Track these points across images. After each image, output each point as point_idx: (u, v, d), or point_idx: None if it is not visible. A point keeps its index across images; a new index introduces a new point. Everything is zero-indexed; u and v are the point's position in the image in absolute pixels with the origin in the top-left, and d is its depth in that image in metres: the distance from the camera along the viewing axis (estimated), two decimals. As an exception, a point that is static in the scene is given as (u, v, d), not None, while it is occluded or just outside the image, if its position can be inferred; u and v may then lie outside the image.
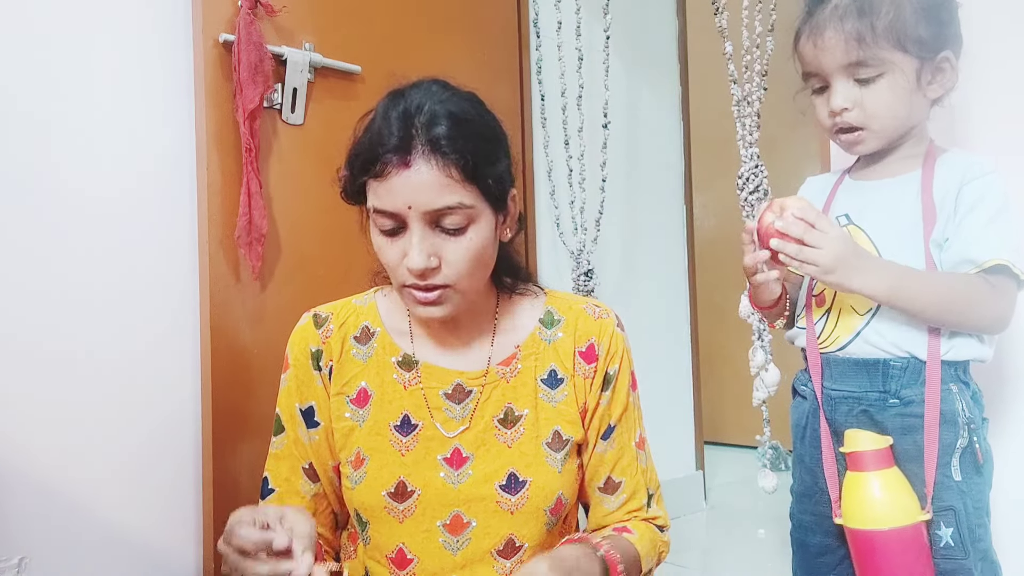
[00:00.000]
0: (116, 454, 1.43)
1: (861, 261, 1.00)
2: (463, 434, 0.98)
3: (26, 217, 1.35)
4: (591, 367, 1.02)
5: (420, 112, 0.90)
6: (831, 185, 1.17)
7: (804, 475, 1.15)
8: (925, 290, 1.00)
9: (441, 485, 0.96)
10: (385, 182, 0.88)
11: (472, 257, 0.91)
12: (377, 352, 1.02)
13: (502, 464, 0.97)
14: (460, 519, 0.96)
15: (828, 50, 1.04)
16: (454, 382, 1.00)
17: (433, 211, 0.88)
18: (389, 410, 0.99)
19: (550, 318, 1.05)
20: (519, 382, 1.01)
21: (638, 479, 1.04)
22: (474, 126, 0.92)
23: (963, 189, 1.02)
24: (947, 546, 1.00)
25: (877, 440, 1.02)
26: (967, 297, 0.99)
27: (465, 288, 0.93)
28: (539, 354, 1.02)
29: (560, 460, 0.99)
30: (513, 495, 0.96)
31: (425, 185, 0.87)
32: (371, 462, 0.98)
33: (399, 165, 0.87)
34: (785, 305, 1.16)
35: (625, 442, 1.03)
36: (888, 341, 1.04)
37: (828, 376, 1.09)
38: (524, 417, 0.99)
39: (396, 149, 0.88)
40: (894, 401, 1.04)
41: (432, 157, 0.87)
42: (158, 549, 1.47)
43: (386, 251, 0.92)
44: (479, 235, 0.92)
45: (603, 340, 1.03)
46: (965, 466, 1.02)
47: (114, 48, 1.47)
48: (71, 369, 1.39)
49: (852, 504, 1.02)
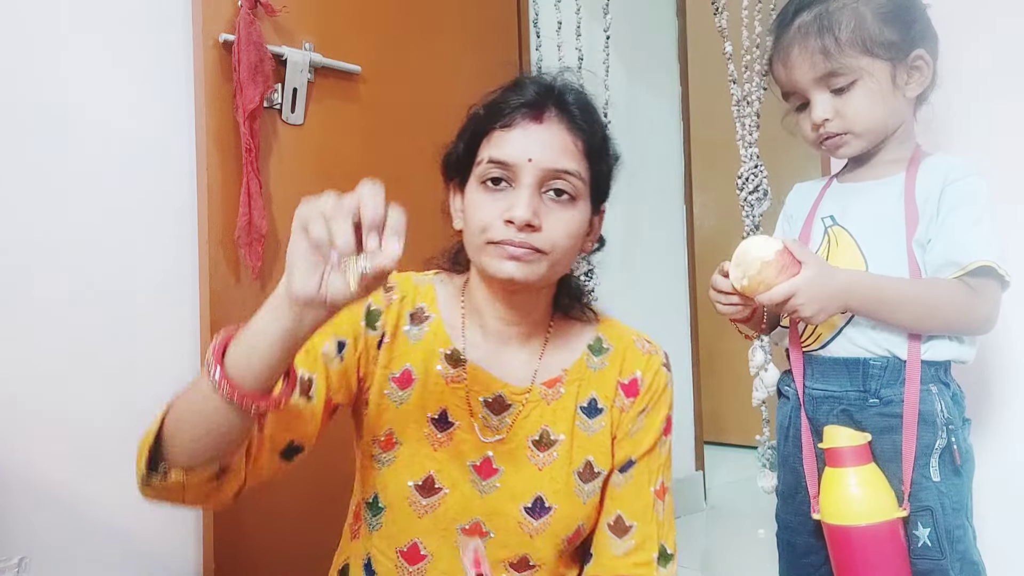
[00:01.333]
0: (116, 455, 1.43)
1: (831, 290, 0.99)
2: (496, 445, 0.96)
3: (25, 217, 1.35)
4: (630, 401, 1.00)
5: (555, 84, 0.94)
6: (819, 190, 1.18)
7: (788, 475, 1.15)
8: (904, 300, 1.01)
9: (469, 490, 0.94)
10: (510, 131, 0.90)
11: (570, 233, 0.91)
12: (427, 337, 0.98)
13: (531, 486, 0.95)
14: (479, 527, 0.94)
15: (797, 68, 1.07)
16: (497, 392, 0.97)
17: (551, 170, 0.89)
18: (429, 401, 0.96)
19: (599, 345, 1.02)
20: (559, 406, 0.98)
21: (651, 528, 0.98)
22: (597, 116, 0.96)
23: (946, 189, 1.03)
24: (924, 546, 1.01)
25: (855, 436, 1.03)
26: (948, 302, 0.99)
27: (554, 261, 0.91)
28: (583, 380, 1.00)
29: (587, 492, 0.97)
30: (536, 519, 0.94)
31: (551, 142, 0.89)
32: (403, 448, 0.95)
33: (530, 118, 0.90)
34: (762, 316, 1.16)
35: (643, 483, 0.99)
36: (868, 340, 1.05)
37: (810, 375, 1.10)
38: (559, 443, 0.97)
39: (529, 104, 0.90)
40: (874, 401, 1.04)
41: (564, 120, 0.90)
42: (158, 549, 1.47)
43: (484, 207, 0.90)
44: (579, 216, 0.93)
45: (647, 376, 1.01)
46: (943, 467, 1.02)
47: (114, 48, 1.47)
48: (71, 369, 1.39)
49: (829, 500, 1.03)
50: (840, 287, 1.00)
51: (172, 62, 1.53)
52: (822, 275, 1.00)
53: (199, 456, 0.79)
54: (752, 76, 1.61)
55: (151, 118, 1.51)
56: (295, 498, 1.58)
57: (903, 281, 1.02)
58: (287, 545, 1.58)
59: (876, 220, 1.07)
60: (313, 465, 1.64)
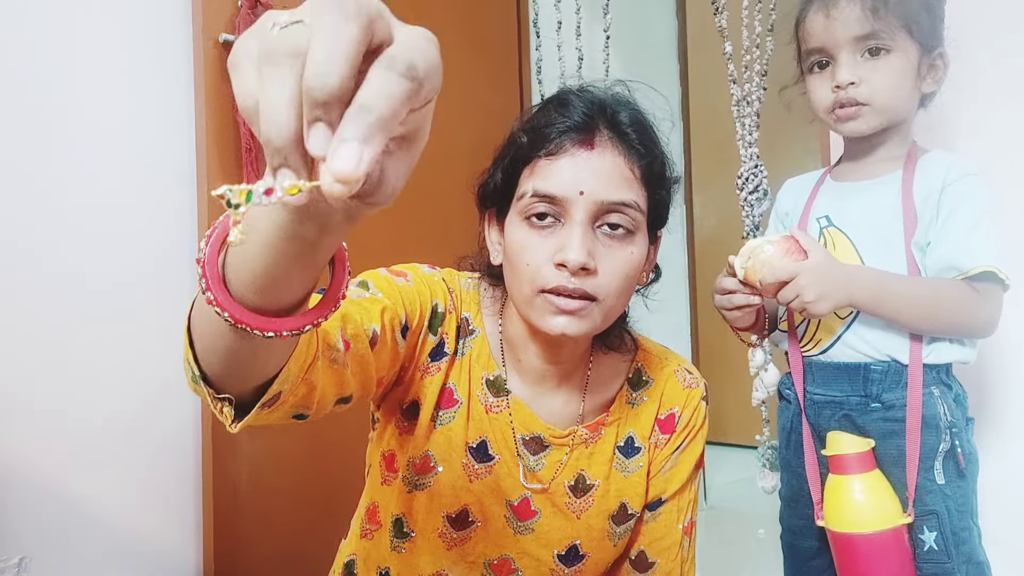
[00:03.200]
0: (116, 454, 1.43)
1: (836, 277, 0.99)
2: (535, 489, 0.90)
3: (26, 217, 1.35)
4: (665, 437, 0.94)
5: (604, 100, 0.82)
6: (811, 186, 1.17)
7: (791, 479, 1.15)
8: (909, 297, 1.00)
9: (502, 526, 0.89)
10: (557, 161, 0.78)
11: (628, 274, 0.81)
12: (471, 356, 0.89)
13: (567, 535, 0.91)
14: (509, 565, 0.90)
15: (841, 20, 1.03)
16: (536, 433, 0.90)
17: (606, 203, 0.78)
18: (470, 429, 0.88)
19: (638, 378, 0.96)
20: (597, 448, 0.92)
21: (673, 566, 0.94)
22: (655, 135, 0.86)
23: (945, 191, 1.02)
24: (931, 550, 1.00)
25: (859, 443, 1.02)
26: (952, 303, 0.99)
27: (606, 309, 0.81)
28: (622, 420, 0.94)
29: (620, 534, 0.93)
30: (568, 567, 0.91)
31: (605, 171, 0.78)
32: (441, 476, 0.87)
33: (579, 144, 0.78)
34: (764, 323, 1.16)
35: (672, 521, 0.95)
36: (869, 345, 1.04)
37: (810, 380, 1.10)
38: (595, 488, 0.91)
39: (577, 128, 0.79)
40: (876, 405, 1.04)
41: (618, 144, 0.79)
42: (158, 549, 1.47)
43: (530, 248, 0.79)
44: (638, 252, 0.82)
45: (686, 412, 0.95)
46: (948, 470, 1.02)
47: (114, 48, 1.47)
48: (71, 369, 1.39)
49: (833, 507, 1.03)
50: (845, 277, 0.99)
51: (172, 62, 1.53)
52: (828, 263, 1.00)
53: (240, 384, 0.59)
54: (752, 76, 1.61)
55: (151, 118, 1.50)
56: (295, 499, 1.58)
57: (909, 279, 1.01)
58: (287, 545, 1.58)
59: (873, 222, 1.06)
60: (313, 466, 1.65)
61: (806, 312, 1.00)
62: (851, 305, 1.01)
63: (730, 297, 1.06)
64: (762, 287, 1.01)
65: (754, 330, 1.15)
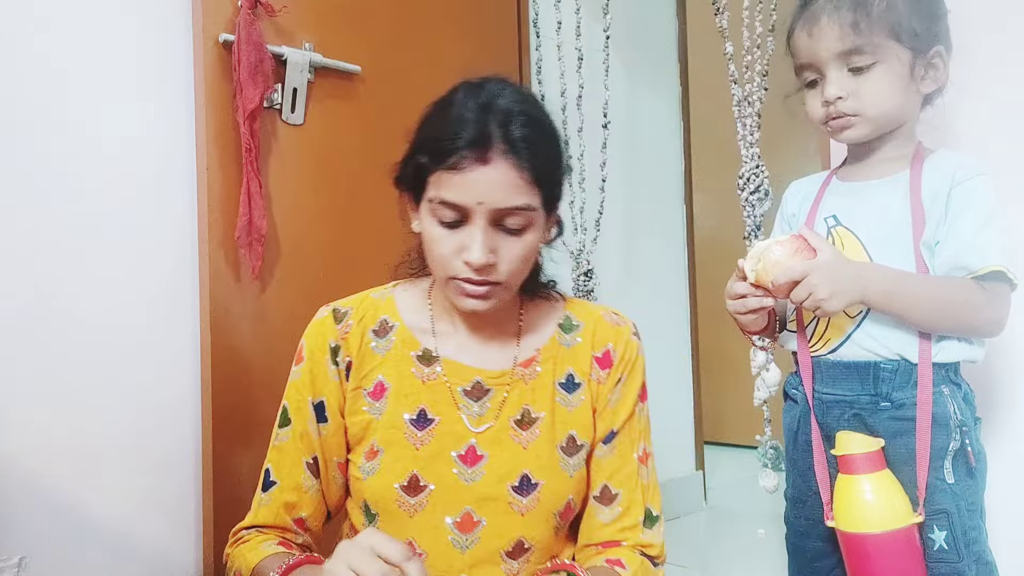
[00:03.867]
0: (116, 454, 1.43)
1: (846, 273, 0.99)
2: (482, 432, 0.98)
3: (26, 217, 1.35)
4: (605, 372, 1.02)
5: (496, 107, 0.90)
6: (818, 187, 1.17)
7: (797, 479, 1.14)
8: (920, 295, 0.99)
9: (454, 482, 0.96)
10: (459, 175, 0.88)
11: (525, 258, 0.94)
12: (396, 346, 1.02)
13: (516, 465, 0.97)
14: (471, 517, 0.95)
15: (823, 38, 1.05)
16: (474, 379, 1.00)
17: (502, 210, 0.89)
18: (405, 403, 0.99)
19: (569, 323, 1.05)
20: (537, 384, 1.01)
21: (636, 494, 1.01)
22: (545, 130, 0.94)
23: (953, 191, 1.02)
24: (941, 549, 1.00)
25: (868, 443, 1.02)
26: (963, 302, 0.99)
27: (511, 285, 0.95)
28: (557, 358, 1.02)
29: (573, 465, 0.99)
30: (524, 497, 0.96)
31: (500, 184, 0.88)
32: (385, 455, 0.97)
33: (477, 161, 0.88)
34: (775, 326, 1.16)
35: (626, 451, 1.02)
36: (879, 343, 1.04)
37: (819, 380, 1.09)
38: (540, 419, 0.99)
39: (474, 144, 0.88)
40: (885, 404, 1.03)
41: (510, 156, 0.88)
42: (158, 549, 1.47)
43: (441, 243, 0.92)
44: (534, 237, 0.94)
45: (619, 347, 1.03)
46: (958, 468, 1.01)
47: (114, 48, 1.47)
48: (71, 369, 1.39)
49: (843, 507, 1.02)
50: (857, 274, 1.00)
51: (172, 62, 1.53)
52: (839, 260, 1.00)
53: None
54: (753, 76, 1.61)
55: (151, 118, 1.50)
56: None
57: (920, 276, 1.01)
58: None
59: (881, 221, 1.06)
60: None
61: (819, 311, 1.00)
62: (862, 302, 1.01)
63: (743, 302, 1.06)
64: (774, 288, 1.01)
65: (766, 333, 1.15)
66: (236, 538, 1.01)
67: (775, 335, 1.17)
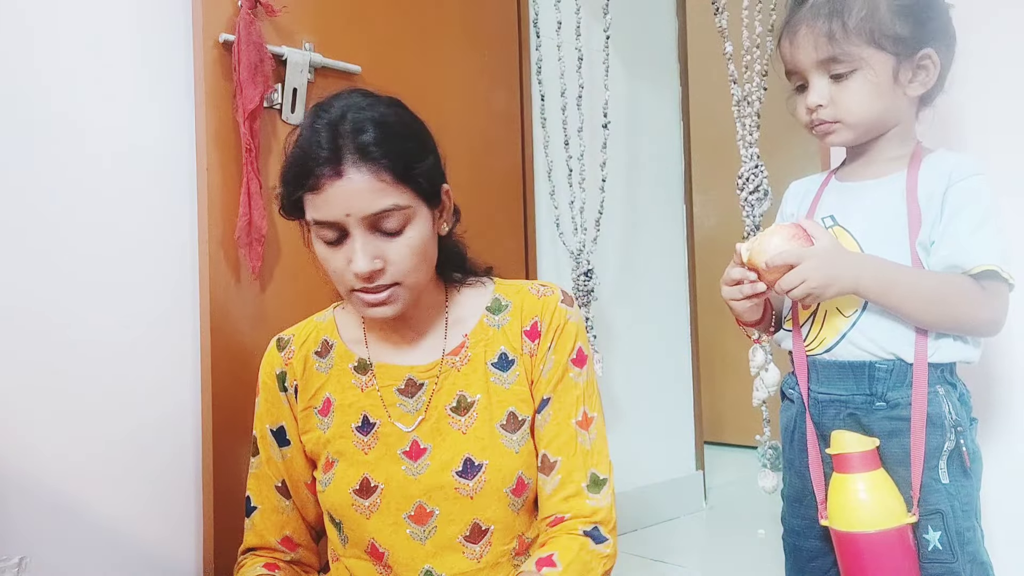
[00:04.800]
0: (116, 454, 1.43)
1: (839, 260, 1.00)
2: (419, 426, 1.01)
3: (25, 217, 1.35)
4: (535, 344, 1.04)
5: (345, 121, 0.93)
6: (817, 187, 1.17)
7: (794, 479, 1.14)
8: (916, 288, 0.99)
9: (402, 478, 0.99)
10: (321, 194, 0.91)
11: (413, 254, 0.95)
12: (336, 362, 1.07)
13: (457, 451, 0.99)
14: (423, 509, 0.98)
15: (801, 47, 1.06)
16: (405, 377, 1.03)
17: (371, 215, 0.91)
18: (350, 413, 1.03)
19: (497, 304, 1.07)
20: (469, 369, 1.03)
21: (575, 460, 1.01)
22: (398, 128, 0.95)
23: (949, 190, 1.01)
24: (935, 550, 1.00)
25: (863, 442, 1.02)
26: (959, 298, 0.99)
27: (411, 284, 0.97)
28: (488, 340, 1.05)
29: (517, 440, 1.01)
30: (470, 480, 0.98)
31: (359, 192, 0.90)
32: (339, 464, 1.02)
33: (332, 176, 0.90)
34: (771, 320, 1.16)
35: (562, 418, 1.02)
36: (874, 343, 1.03)
37: (815, 379, 1.09)
38: (477, 402, 1.02)
39: (327, 161, 0.91)
40: (880, 404, 1.03)
41: (363, 164, 0.91)
42: (158, 549, 1.47)
43: (331, 260, 0.95)
44: (418, 232, 0.95)
45: (545, 316, 1.04)
46: (952, 469, 1.01)
47: (114, 48, 1.47)
48: (71, 369, 1.39)
49: (837, 506, 1.02)
50: (853, 264, 1.00)
51: (172, 62, 1.53)
52: (836, 249, 1.00)
53: None
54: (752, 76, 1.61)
55: (151, 118, 1.50)
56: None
57: (917, 271, 1.01)
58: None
59: (878, 221, 1.06)
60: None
61: (810, 298, 1.00)
62: (856, 292, 1.01)
63: (739, 287, 1.06)
64: (767, 269, 1.01)
65: (760, 326, 1.15)
66: (239, 564, 1.08)
67: (770, 329, 1.17)
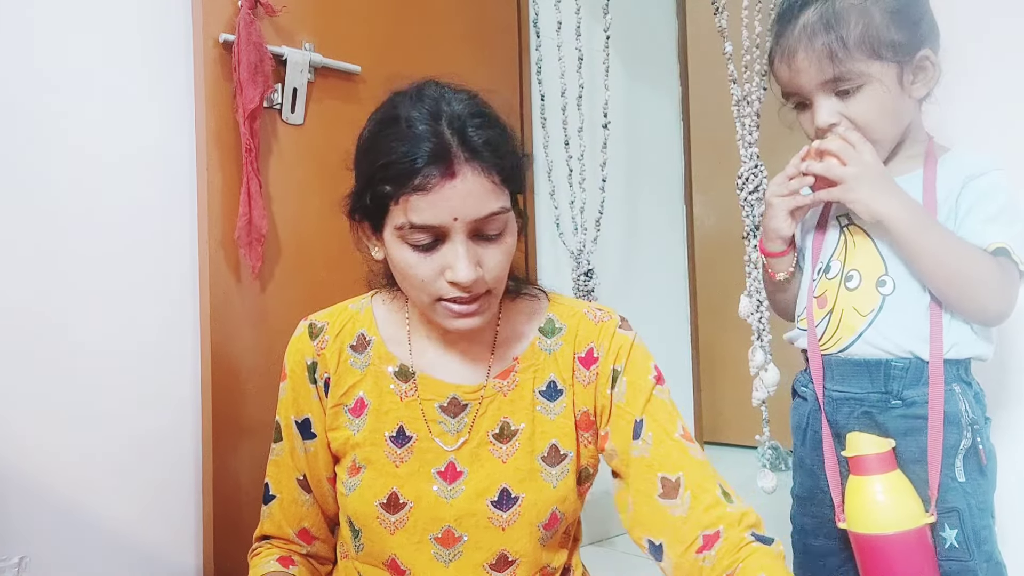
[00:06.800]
0: (116, 454, 1.43)
1: (890, 187, 1.00)
2: (458, 449, 0.96)
3: (25, 217, 1.35)
4: (591, 371, 0.97)
5: (449, 114, 0.86)
6: None
7: (805, 478, 1.14)
8: (943, 242, 0.98)
9: (434, 499, 0.94)
10: (428, 195, 0.83)
11: (508, 261, 0.91)
12: (374, 361, 1.00)
13: (495, 480, 0.94)
14: (452, 533, 0.94)
15: (802, 71, 1.03)
16: (450, 395, 0.97)
17: (480, 219, 0.85)
18: (385, 421, 0.97)
19: (551, 326, 1.00)
20: (516, 395, 0.97)
21: (698, 471, 0.91)
22: (498, 125, 0.89)
23: (966, 187, 1.01)
24: (951, 547, 1.00)
25: (879, 443, 1.01)
26: (978, 265, 0.97)
27: (499, 292, 0.92)
28: (538, 366, 0.98)
29: (556, 475, 0.95)
30: (504, 511, 0.93)
31: (472, 194, 0.84)
32: (366, 472, 0.96)
33: (443, 176, 0.83)
34: (793, 256, 1.14)
35: (665, 435, 0.93)
36: (891, 341, 1.03)
37: (830, 377, 1.08)
38: (520, 432, 0.96)
39: (436, 159, 0.83)
40: (896, 402, 1.03)
41: (475, 164, 0.84)
42: (158, 549, 1.47)
43: (419, 267, 0.87)
44: (512, 238, 0.91)
45: (602, 342, 0.97)
46: (969, 467, 1.01)
47: (114, 48, 1.47)
48: (71, 369, 1.39)
49: (856, 508, 1.02)
50: (900, 192, 1.00)
51: (172, 62, 1.53)
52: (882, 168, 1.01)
53: None
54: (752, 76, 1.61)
55: (151, 118, 1.50)
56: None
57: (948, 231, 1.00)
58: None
59: None
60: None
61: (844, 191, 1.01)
62: (889, 218, 0.99)
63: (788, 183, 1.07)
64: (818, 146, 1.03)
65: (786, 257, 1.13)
66: (253, 550, 1.04)
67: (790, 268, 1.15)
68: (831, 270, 1.09)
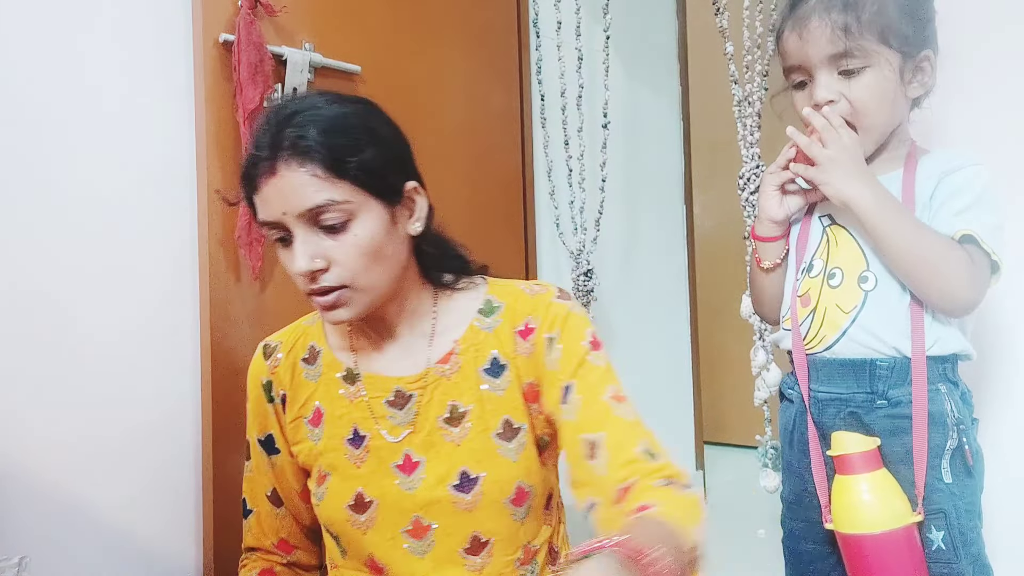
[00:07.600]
0: (116, 454, 1.43)
1: (862, 173, 1.01)
2: (409, 438, 0.98)
3: (25, 217, 1.35)
4: (529, 342, 0.97)
5: (288, 121, 0.89)
6: None
7: (794, 481, 1.14)
8: (910, 228, 0.99)
9: (397, 492, 0.96)
10: (260, 193, 0.90)
11: (362, 253, 0.90)
12: (324, 370, 1.03)
13: (452, 464, 0.96)
14: (420, 523, 0.96)
15: (813, 41, 1.04)
16: (394, 389, 0.99)
17: (306, 212, 0.87)
18: (340, 425, 1.00)
19: (489, 307, 1.01)
20: (460, 377, 0.98)
21: (621, 431, 0.92)
22: (337, 123, 0.90)
23: (941, 182, 1.02)
24: (938, 549, 1.00)
25: (865, 442, 1.01)
26: (946, 253, 0.98)
27: (365, 286, 0.91)
28: (478, 345, 0.99)
29: (514, 449, 0.97)
30: (467, 493, 0.95)
31: (290, 188, 0.87)
32: (331, 478, 1.00)
33: (267, 174, 0.88)
34: (783, 246, 1.14)
35: (592, 397, 0.94)
36: (874, 337, 1.03)
37: (815, 378, 1.08)
38: (469, 412, 0.97)
39: (263, 160, 0.89)
40: (882, 402, 1.03)
41: (293, 160, 0.87)
42: (158, 549, 1.47)
43: (286, 261, 0.92)
44: (365, 230, 0.89)
45: (538, 313, 0.98)
46: (955, 468, 1.01)
47: (114, 48, 1.46)
48: (71, 368, 1.38)
49: (841, 508, 1.02)
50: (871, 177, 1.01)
51: (172, 62, 1.53)
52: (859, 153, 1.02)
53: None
54: (753, 76, 1.61)
55: (151, 118, 1.50)
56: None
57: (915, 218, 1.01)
58: (287, 545, 1.58)
59: None
60: (313, 465, 1.64)
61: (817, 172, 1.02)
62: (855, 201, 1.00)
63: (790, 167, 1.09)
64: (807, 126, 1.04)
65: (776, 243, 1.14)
66: (241, 563, 1.10)
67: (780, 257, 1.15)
68: (814, 268, 1.10)
